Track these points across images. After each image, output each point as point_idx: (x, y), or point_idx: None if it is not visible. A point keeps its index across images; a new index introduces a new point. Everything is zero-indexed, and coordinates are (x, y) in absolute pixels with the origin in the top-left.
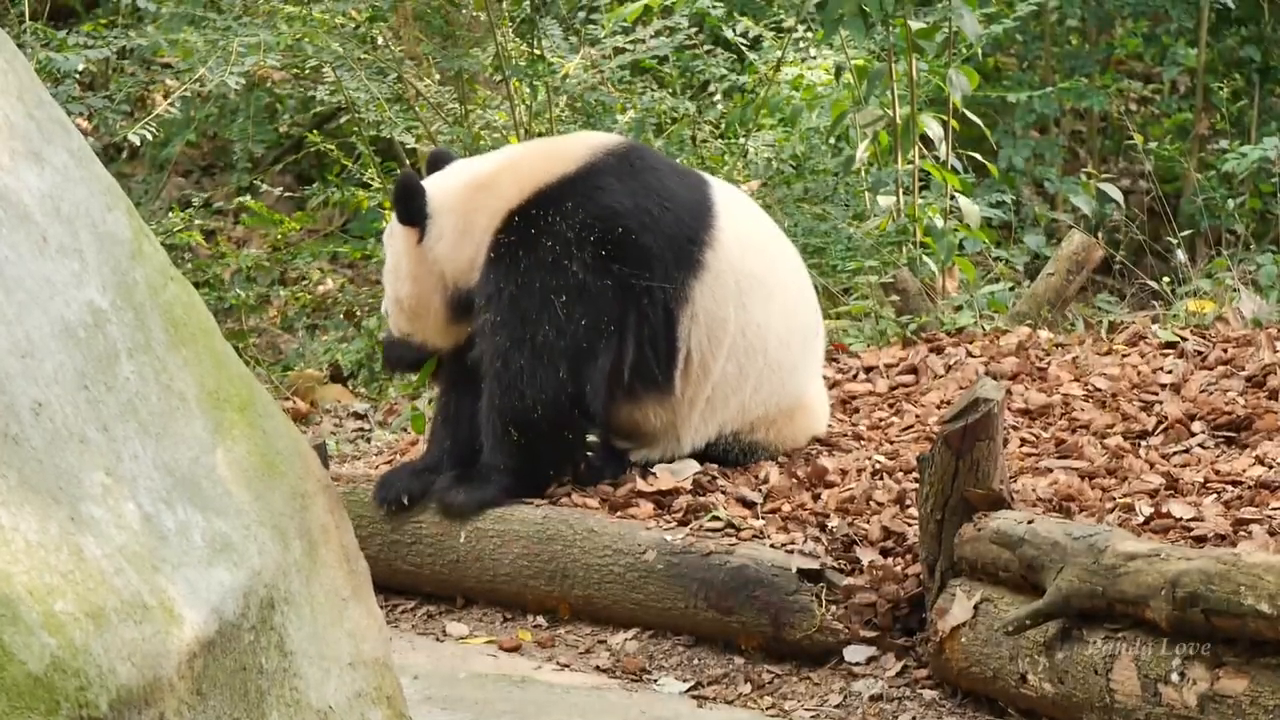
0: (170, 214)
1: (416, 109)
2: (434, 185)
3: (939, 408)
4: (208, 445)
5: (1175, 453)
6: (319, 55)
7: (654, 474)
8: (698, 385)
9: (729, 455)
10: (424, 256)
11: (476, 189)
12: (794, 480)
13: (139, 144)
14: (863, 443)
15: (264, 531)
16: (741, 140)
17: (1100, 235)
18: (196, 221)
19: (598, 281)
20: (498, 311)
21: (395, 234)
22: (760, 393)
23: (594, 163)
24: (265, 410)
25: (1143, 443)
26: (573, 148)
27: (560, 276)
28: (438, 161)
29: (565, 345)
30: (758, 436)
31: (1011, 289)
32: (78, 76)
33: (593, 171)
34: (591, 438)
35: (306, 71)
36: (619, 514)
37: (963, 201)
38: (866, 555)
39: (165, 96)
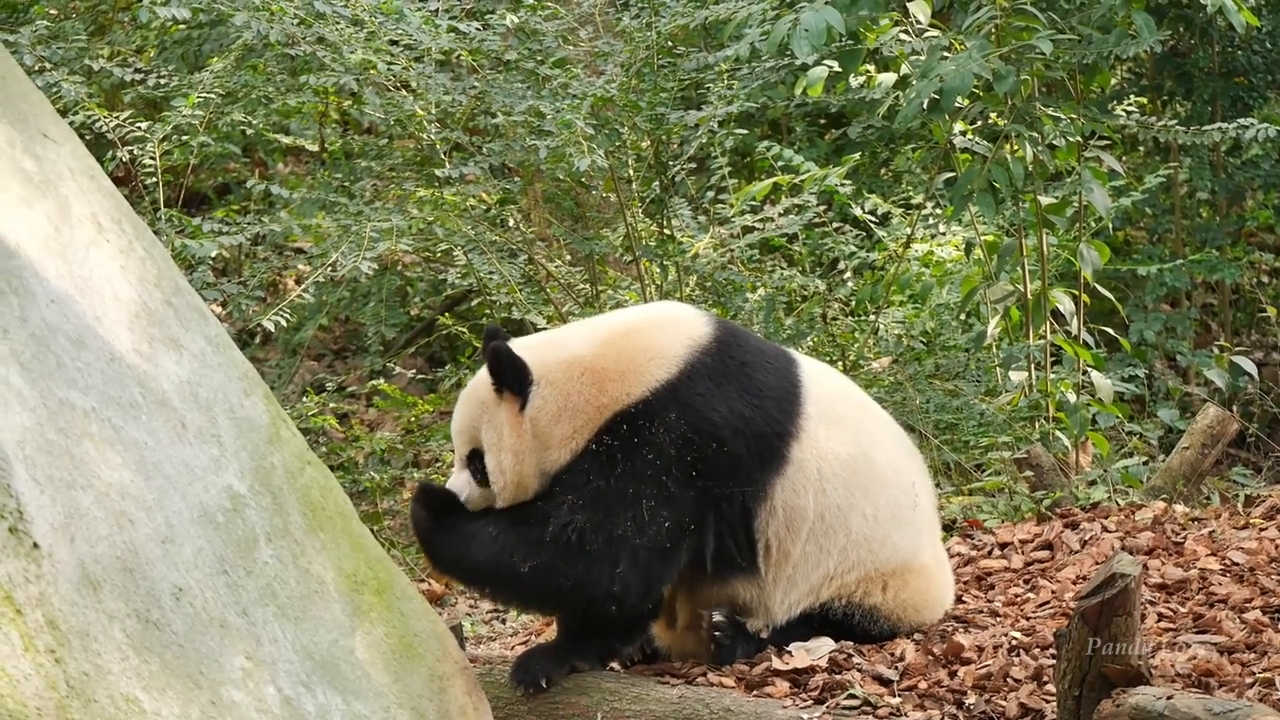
0: (304, 398)
1: (547, 290)
2: (529, 356)
3: (1075, 583)
4: (347, 628)
5: None
6: (450, 238)
7: (789, 652)
8: (779, 567)
9: (850, 620)
10: (524, 427)
11: (579, 372)
12: (930, 657)
13: (272, 329)
14: (999, 619)
15: (403, 714)
16: (872, 317)
17: (1234, 408)
18: (330, 405)
19: (685, 492)
20: (580, 495)
21: (488, 403)
22: (845, 564)
23: (693, 364)
24: (403, 593)
25: None
26: (669, 345)
27: (653, 486)
28: (494, 338)
29: (643, 543)
30: (874, 601)
31: (1146, 463)
32: (211, 263)
33: (693, 375)
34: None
35: (438, 255)
36: (755, 693)
37: (1095, 376)
38: None
39: (298, 281)
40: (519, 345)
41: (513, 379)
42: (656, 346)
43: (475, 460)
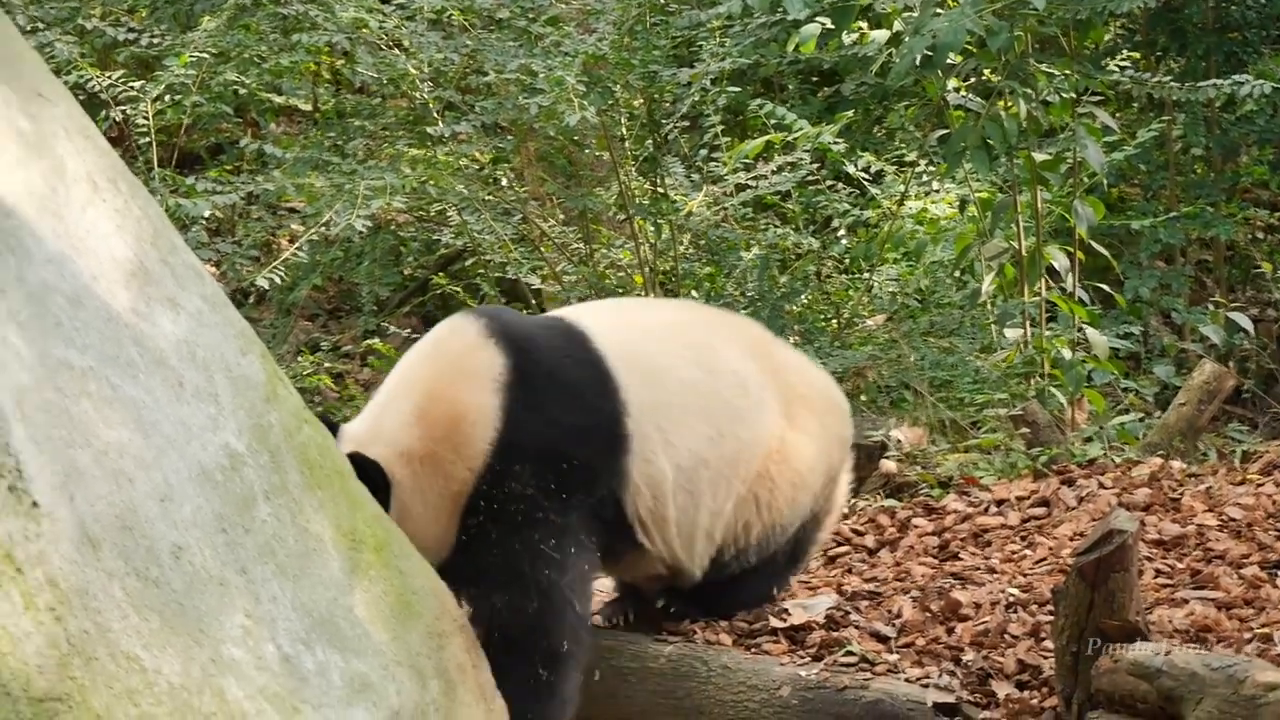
0: (299, 358)
1: (541, 249)
2: (372, 453)
3: (1072, 540)
4: (345, 586)
5: None
6: (443, 197)
7: (787, 610)
8: (664, 532)
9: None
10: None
11: (418, 464)
12: (928, 614)
13: (266, 288)
14: (996, 576)
15: (402, 671)
16: (866, 275)
17: (1230, 364)
18: (325, 365)
19: (567, 518)
20: (488, 586)
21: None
22: (718, 494)
23: (509, 404)
24: (401, 550)
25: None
26: (478, 397)
27: (540, 529)
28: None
29: (568, 579)
30: (755, 532)
31: (1141, 420)
32: (205, 222)
33: (513, 413)
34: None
35: (431, 214)
36: (752, 650)
37: (1090, 333)
38: (1002, 689)
39: (291, 241)
40: (350, 436)
41: (371, 487)
42: (470, 404)
43: None
